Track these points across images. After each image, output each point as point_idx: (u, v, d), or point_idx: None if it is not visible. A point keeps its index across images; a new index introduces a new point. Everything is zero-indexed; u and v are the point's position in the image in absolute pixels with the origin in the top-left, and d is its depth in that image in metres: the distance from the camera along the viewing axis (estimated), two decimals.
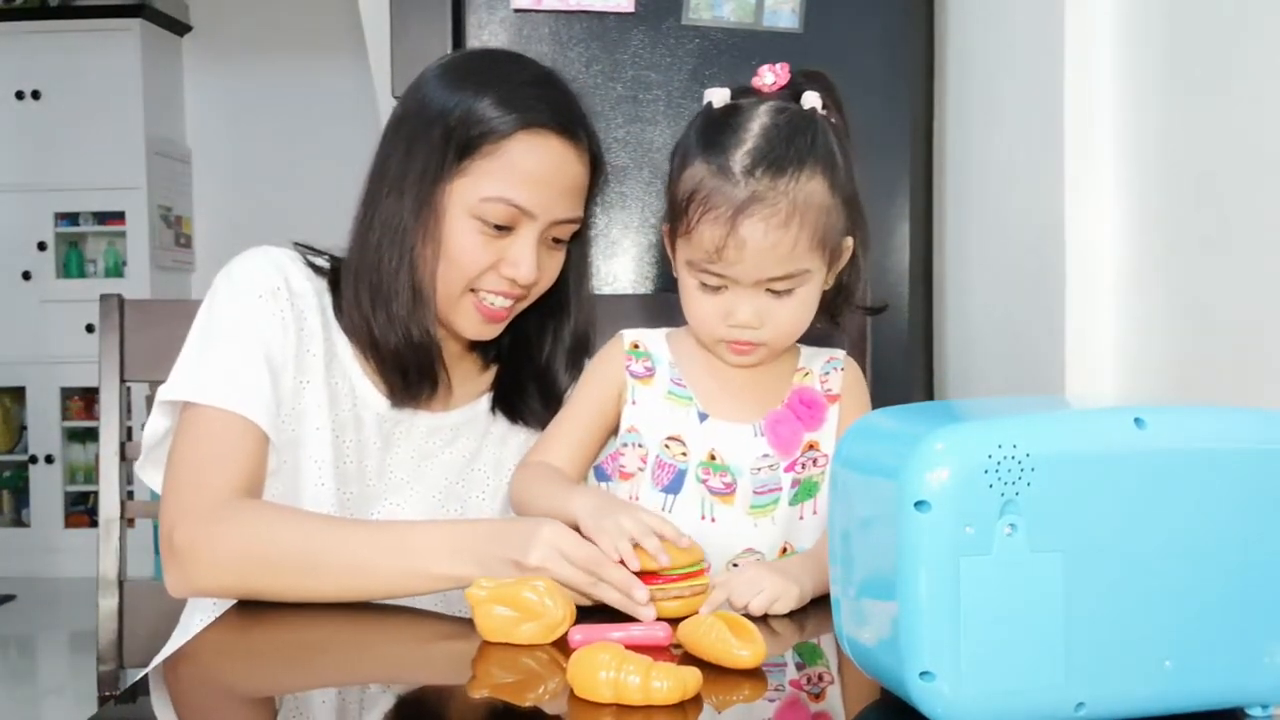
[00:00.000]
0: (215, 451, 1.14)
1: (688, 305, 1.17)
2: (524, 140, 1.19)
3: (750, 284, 1.12)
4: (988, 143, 1.69)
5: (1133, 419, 0.70)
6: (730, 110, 1.14)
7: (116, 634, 1.41)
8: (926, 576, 0.68)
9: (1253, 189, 1.13)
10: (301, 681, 0.90)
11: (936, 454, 0.68)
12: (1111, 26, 1.37)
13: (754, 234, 1.09)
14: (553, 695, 0.84)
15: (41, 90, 4.71)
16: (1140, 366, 1.33)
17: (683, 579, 1.01)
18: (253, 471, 1.15)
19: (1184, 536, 0.71)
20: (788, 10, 1.78)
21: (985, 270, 1.71)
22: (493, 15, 1.79)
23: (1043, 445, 0.69)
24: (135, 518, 1.46)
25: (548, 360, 1.31)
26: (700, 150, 1.13)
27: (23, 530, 4.80)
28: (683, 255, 1.15)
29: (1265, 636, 0.72)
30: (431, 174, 1.19)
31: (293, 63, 4.94)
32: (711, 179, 1.10)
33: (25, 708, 3.31)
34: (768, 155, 1.10)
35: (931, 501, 0.67)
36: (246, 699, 0.88)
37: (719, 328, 1.15)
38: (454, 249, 1.20)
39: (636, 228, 1.86)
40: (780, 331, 1.15)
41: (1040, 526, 0.68)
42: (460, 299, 1.22)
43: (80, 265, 4.81)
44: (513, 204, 1.18)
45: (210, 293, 1.22)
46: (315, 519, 1.15)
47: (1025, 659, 0.69)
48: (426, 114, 1.21)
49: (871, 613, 0.73)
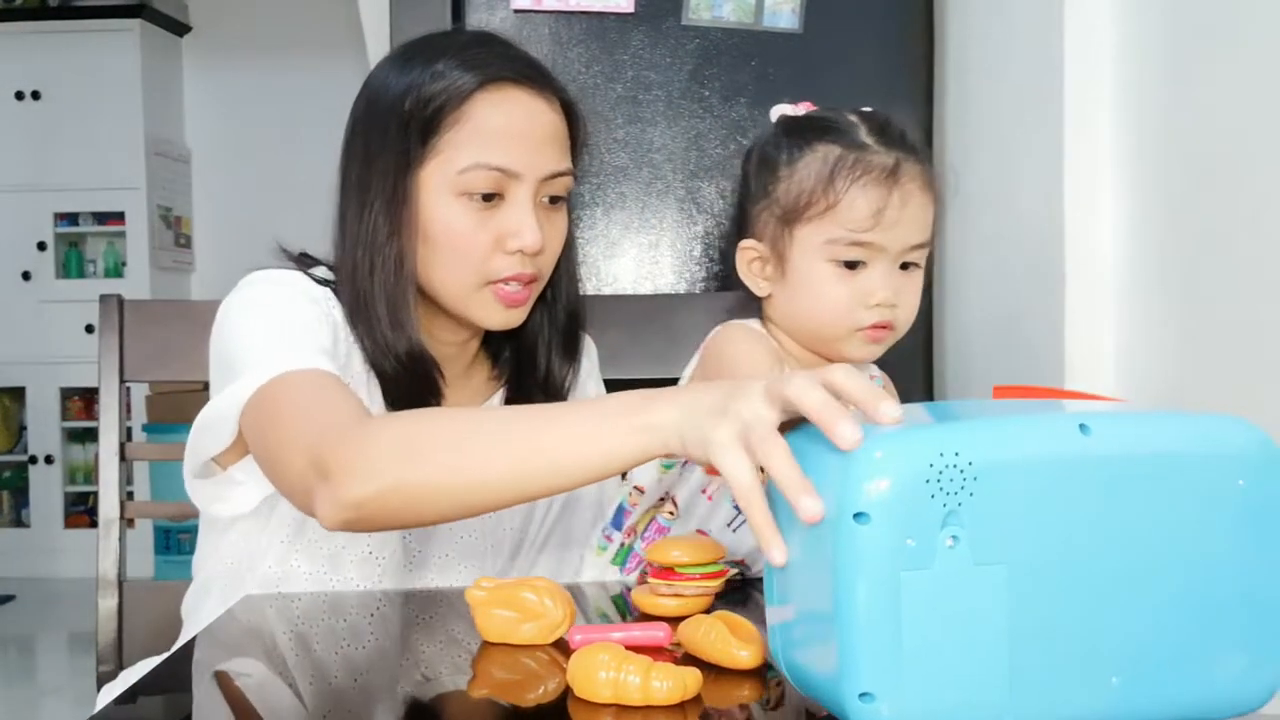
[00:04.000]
0: (320, 396, 1.03)
1: (817, 296, 1.14)
2: (485, 98, 1.13)
3: (895, 253, 1.12)
4: (988, 143, 1.69)
5: (1078, 425, 0.67)
6: (814, 115, 1.17)
7: (116, 634, 1.41)
8: (866, 592, 0.64)
9: (1253, 188, 1.13)
10: (301, 681, 0.90)
11: (875, 463, 0.65)
12: (1111, 26, 1.37)
13: (913, 193, 1.11)
14: (552, 695, 0.84)
15: (41, 90, 4.71)
16: (1141, 366, 1.33)
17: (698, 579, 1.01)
18: (362, 407, 1.02)
19: (1130, 547, 0.67)
20: (788, 10, 1.78)
21: (985, 270, 1.71)
22: (493, 15, 1.79)
23: (985, 453, 0.65)
24: (135, 518, 1.46)
25: (548, 355, 1.26)
26: (818, 137, 1.14)
27: (22, 530, 4.80)
28: (818, 239, 1.13)
29: (1213, 649, 0.69)
30: (398, 168, 1.13)
31: (293, 63, 4.94)
32: (851, 151, 1.12)
33: (25, 708, 3.31)
34: (894, 133, 1.13)
35: (870, 513, 0.64)
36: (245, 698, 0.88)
37: (857, 312, 1.13)
38: (447, 235, 1.13)
39: (636, 228, 1.86)
40: (908, 311, 1.15)
41: (983, 538, 0.65)
42: (477, 292, 1.15)
43: (80, 265, 4.81)
44: (493, 167, 1.12)
45: (228, 312, 1.15)
46: (465, 409, 1.08)
47: (968, 678, 0.65)
48: (378, 108, 1.16)
49: (807, 631, 0.70)
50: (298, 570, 1.19)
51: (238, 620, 1.05)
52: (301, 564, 1.18)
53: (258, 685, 0.91)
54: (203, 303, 1.38)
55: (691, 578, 1.00)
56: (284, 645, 1.01)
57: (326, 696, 0.87)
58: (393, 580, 1.21)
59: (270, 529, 1.19)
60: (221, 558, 1.22)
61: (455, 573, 1.26)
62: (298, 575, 1.19)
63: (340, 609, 1.09)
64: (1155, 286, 1.30)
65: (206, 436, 1.12)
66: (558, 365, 1.27)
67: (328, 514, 0.93)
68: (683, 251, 1.86)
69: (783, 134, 1.17)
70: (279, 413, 1.02)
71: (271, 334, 1.09)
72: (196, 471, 1.16)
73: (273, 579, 1.19)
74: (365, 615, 1.07)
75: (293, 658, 0.98)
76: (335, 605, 1.11)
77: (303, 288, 1.16)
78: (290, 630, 1.03)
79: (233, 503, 1.18)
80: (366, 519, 0.92)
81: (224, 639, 1.01)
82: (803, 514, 0.66)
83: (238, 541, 1.20)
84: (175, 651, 1.04)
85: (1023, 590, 0.66)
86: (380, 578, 1.20)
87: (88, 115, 4.67)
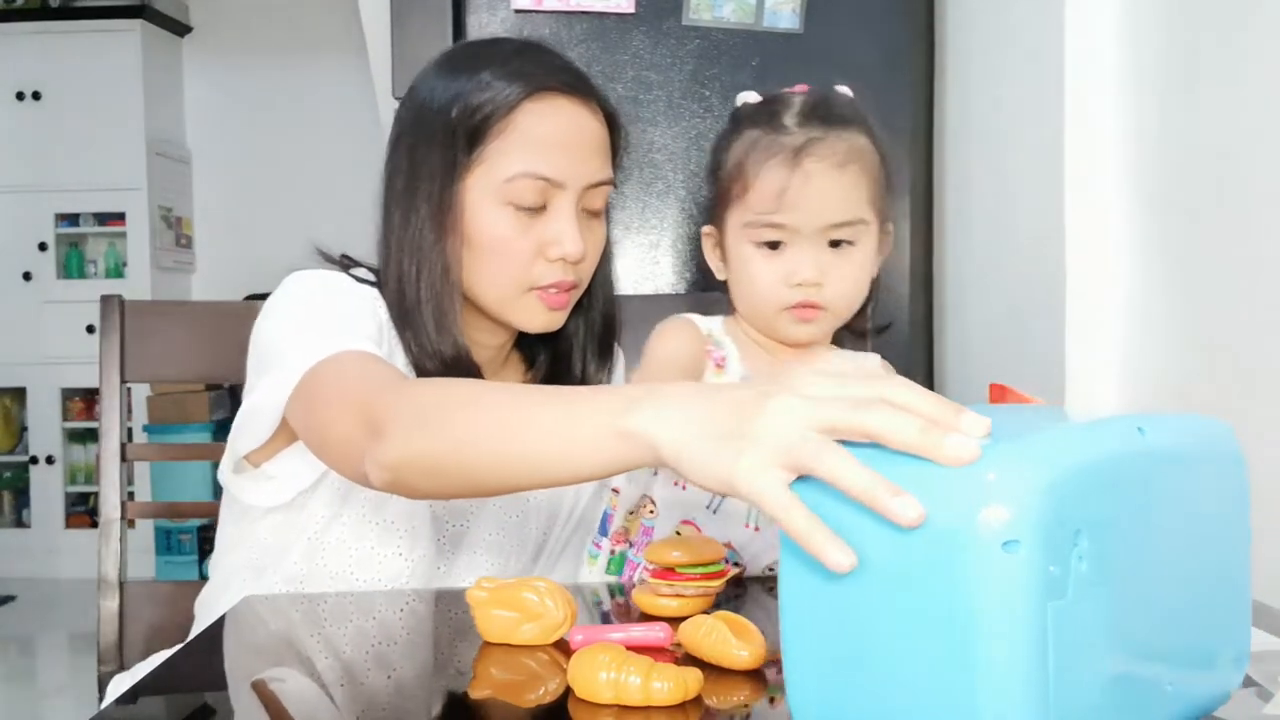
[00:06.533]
0: (369, 369, 1.03)
1: (744, 277, 1.15)
2: (532, 108, 1.14)
3: (812, 232, 1.12)
4: (988, 143, 1.69)
5: (1136, 427, 0.64)
6: (772, 98, 1.17)
7: (117, 635, 1.41)
8: (1023, 631, 0.55)
9: (1255, 190, 1.13)
10: (301, 681, 0.90)
11: (1024, 480, 0.56)
12: (1112, 27, 1.37)
13: (816, 170, 1.10)
14: (553, 696, 0.84)
15: (42, 91, 4.71)
16: (1142, 367, 1.33)
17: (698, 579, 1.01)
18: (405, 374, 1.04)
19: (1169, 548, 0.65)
20: (788, 11, 1.78)
21: (985, 271, 1.71)
22: (493, 16, 1.79)
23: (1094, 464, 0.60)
24: (135, 518, 1.46)
25: (583, 359, 1.27)
26: (748, 124, 1.15)
27: (23, 531, 4.80)
28: (738, 222, 1.14)
29: (1211, 643, 0.68)
30: (444, 176, 1.15)
31: (293, 63, 4.94)
32: (766, 135, 1.13)
33: (25, 708, 3.31)
34: (818, 109, 1.13)
35: (1022, 540, 0.55)
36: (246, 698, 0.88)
37: (780, 291, 1.13)
38: (491, 243, 1.15)
39: (637, 228, 1.86)
40: (840, 292, 1.14)
41: (1097, 556, 0.59)
42: (520, 297, 1.17)
43: (81, 266, 4.81)
44: (539, 176, 1.13)
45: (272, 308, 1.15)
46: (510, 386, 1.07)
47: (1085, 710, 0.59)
48: (425, 117, 1.17)
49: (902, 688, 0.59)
50: (323, 569, 1.19)
51: (241, 620, 1.05)
52: (328, 562, 1.18)
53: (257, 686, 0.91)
54: (204, 303, 1.39)
55: (691, 578, 1.00)
56: (284, 645, 1.01)
57: (327, 697, 0.87)
58: (420, 582, 1.20)
59: (300, 524, 1.19)
60: (247, 551, 1.22)
61: (481, 575, 1.24)
62: (321, 574, 1.19)
63: (341, 610, 1.09)
64: (1156, 286, 1.30)
65: (248, 429, 1.13)
66: (593, 369, 1.28)
67: (378, 465, 0.90)
68: (683, 251, 1.86)
69: (729, 122, 1.19)
70: (326, 389, 1.02)
71: (315, 323, 1.10)
72: (233, 468, 1.18)
73: (296, 576, 1.19)
74: (365, 616, 1.07)
75: (293, 658, 0.98)
76: (336, 606, 1.11)
77: (347, 285, 1.17)
78: (291, 630, 1.03)
79: (265, 495, 1.19)
80: (417, 474, 0.89)
81: (227, 638, 1.01)
82: (902, 517, 0.57)
83: (266, 536, 1.20)
84: (178, 650, 1.04)
85: (1121, 605, 0.61)
86: (409, 578, 1.19)
87: (88, 116, 4.67)
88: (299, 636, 1.02)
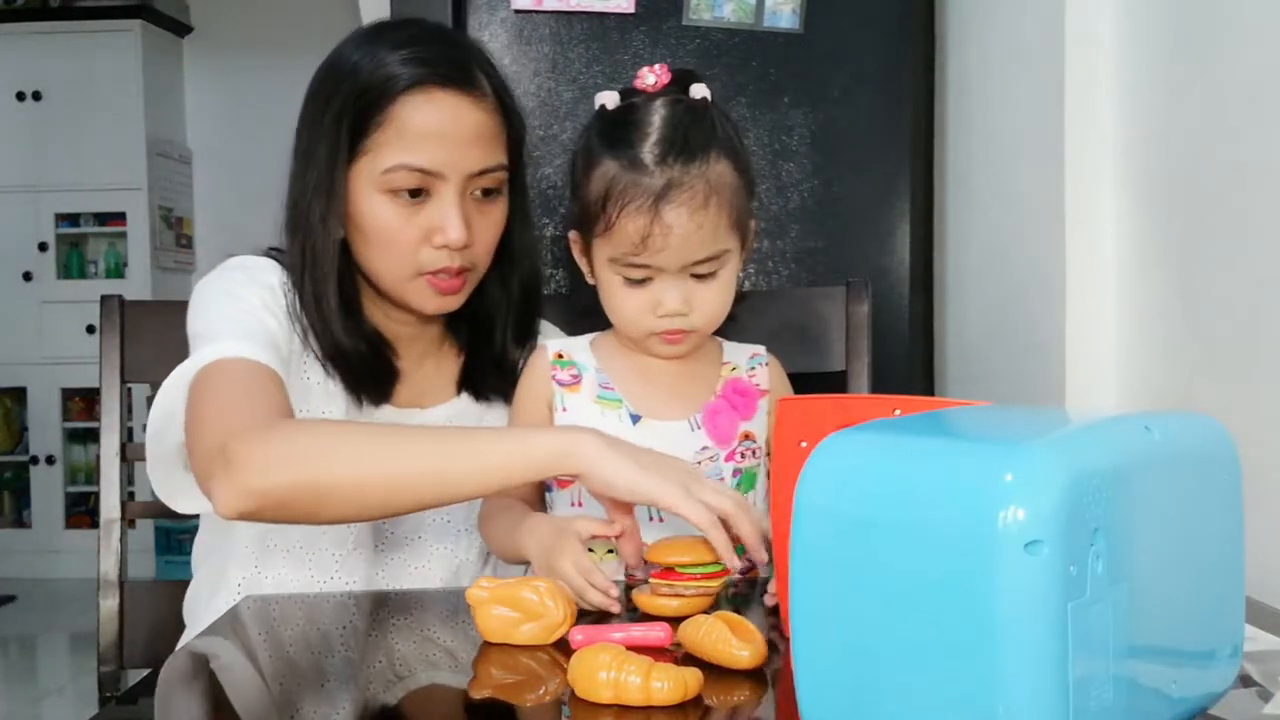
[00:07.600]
0: (248, 388, 1.09)
1: (612, 304, 1.19)
2: (409, 101, 1.17)
3: (675, 270, 1.14)
4: (988, 143, 1.69)
5: (1143, 426, 0.64)
6: (626, 109, 1.17)
7: (117, 635, 1.41)
8: (1043, 632, 0.55)
9: (1255, 191, 1.13)
10: (302, 681, 0.90)
11: (1044, 480, 0.56)
12: (1112, 27, 1.37)
13: (678, 218, 1.11)
14: (553, 695, 0.84)
15: (42, 91, 4.71)
16: (1141, 367, 1.33)
17: (698, 579, 1.01)
18: (285, 406, 1.10)
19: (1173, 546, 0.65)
20: (788, 11, 1.78)
21: (985, 271, 1.71)
22: (493, 16, 1.79)
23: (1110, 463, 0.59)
24: (136, 518, 1.46)
25: (504, 333, 1.30)
26: (606, 149, 1.15)
27: (23, 531, 4.81)
28: (603, 254, 1.16)
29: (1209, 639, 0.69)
30: (329, 162, 1.19)
31: (293, 63, 4.90)
32: (625, 173, 1.13)
33: (26, 708, 3.31)
34: (676, 143, 1.13)
35: (1045, 540, 0.55)
36: (246, 698, 0.88)
37: (647, 320, 1.16)
38: (376, 231, 1.19)
39: None
40: (707, 315, 1.17)
41: (1112, 554, 0.59)
42: (410, 282, 1.21)
43: (81, 266, 4.82)
44: (414, 168, 1.17)
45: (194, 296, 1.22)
46: (371, 425, 1.17)
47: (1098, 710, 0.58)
48: (328, 80, 1.22)
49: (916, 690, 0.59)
50: (275, 548, 1.23)
51: (237, 621, 1.05)
52: (278, 541, 1.22)
53: (257, 687, 0.91)
54: None
55: (692, 578, 1.00)
56: (284, 646, 1.01)
57: (327, 697, 0.87)
58: (366, 552, 1.24)
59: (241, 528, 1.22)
60: (211, 547, 1.28)
61: (428, 554, 1.28)
62: (275, 553, 1.23)
63: (341, 610, 1.09)
64: (1156, 287, 1.30)
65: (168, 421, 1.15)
66: (512, 343, 1.31)
67: (223, 500, 1.02)
68: None
69: (591, 134, 1.19)
70: (206, 395, 1.09)
71: (222, 320, 1.15)
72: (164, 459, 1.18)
73: (251, 558, 1.23)
74: (366, 616, 1.07)
75: (293, 658, 0.98)
76: (337, 607, 1.11)
77: (263, 276, 1.21)
78: (291, 631, 1.03)
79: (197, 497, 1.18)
80: (257, 511, 1.02)
81: (223, 641, 1.01)
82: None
83: (220, 526, 1.23)
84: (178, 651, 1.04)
85: (1132, 603, 0.60)
86: (354, 547, 1.23)
87: (88, 116, 4.67)
88: (300, 636, 1.02)
